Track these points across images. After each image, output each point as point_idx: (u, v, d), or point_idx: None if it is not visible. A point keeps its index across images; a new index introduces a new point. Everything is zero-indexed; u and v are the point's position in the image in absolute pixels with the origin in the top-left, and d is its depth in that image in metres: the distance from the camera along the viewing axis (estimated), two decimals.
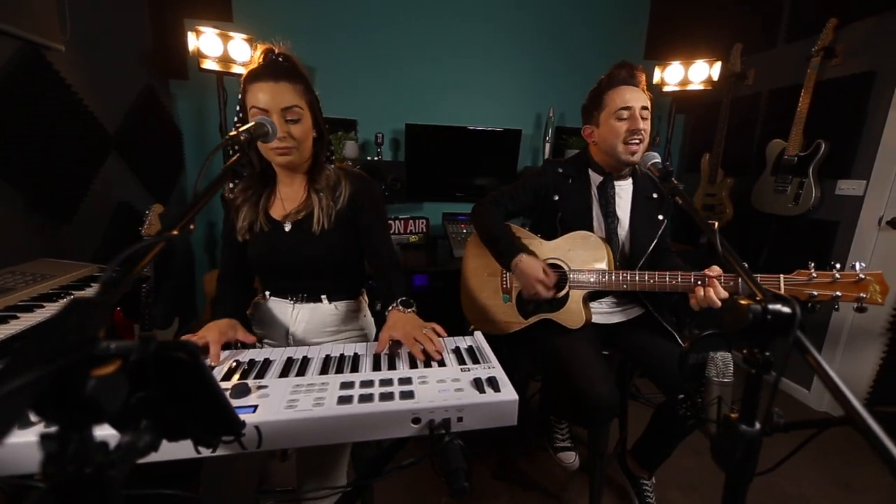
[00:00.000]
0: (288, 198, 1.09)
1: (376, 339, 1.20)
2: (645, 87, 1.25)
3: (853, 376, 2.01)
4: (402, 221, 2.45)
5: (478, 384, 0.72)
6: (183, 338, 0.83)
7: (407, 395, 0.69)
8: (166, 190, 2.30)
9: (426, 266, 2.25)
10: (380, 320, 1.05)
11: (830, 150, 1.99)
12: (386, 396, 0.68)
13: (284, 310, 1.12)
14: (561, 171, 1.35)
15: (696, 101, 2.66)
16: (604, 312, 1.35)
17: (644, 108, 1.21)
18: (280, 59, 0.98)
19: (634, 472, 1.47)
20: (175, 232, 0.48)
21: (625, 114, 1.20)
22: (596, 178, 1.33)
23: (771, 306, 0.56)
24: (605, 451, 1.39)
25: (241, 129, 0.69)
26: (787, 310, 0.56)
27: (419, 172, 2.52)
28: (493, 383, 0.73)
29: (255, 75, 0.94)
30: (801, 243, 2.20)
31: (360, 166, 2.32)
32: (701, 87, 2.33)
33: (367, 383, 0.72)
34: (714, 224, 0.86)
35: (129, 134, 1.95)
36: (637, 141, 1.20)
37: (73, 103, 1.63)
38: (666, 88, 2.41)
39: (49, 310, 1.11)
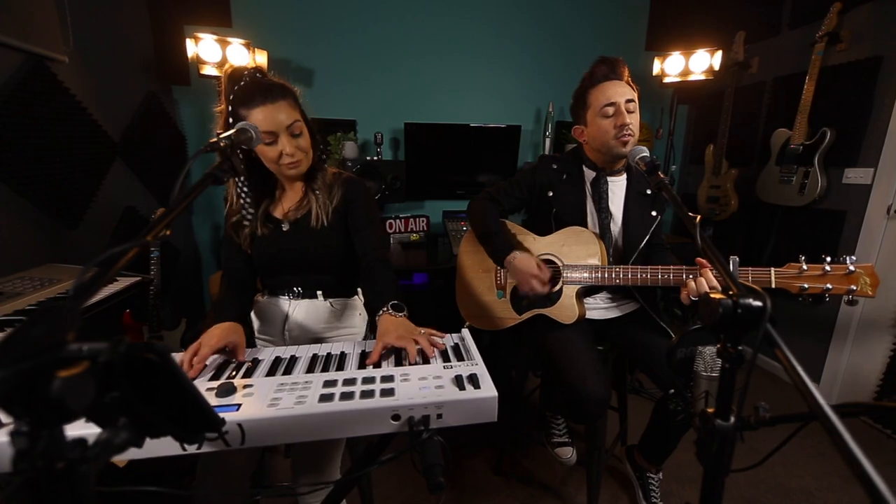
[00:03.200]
0: (287, 199, 1.13)
1: (368, 336, 1.23)
2: (629, 80, 1.23)
3: (862, 370, 1.97)
4: (403, 220, 2.47)
5: (458, 381, 0.73)
6: (189, 352, 0.83)
7: (387, 393, 0.70)
8: (171, 194, 2.36)
9: (427, 264, 2.26)
10: (373, 319, 1.04)
11: (836, 138, 1.94)
12: (367, 394, 0.70)
13: (281, 307, 1.15)
14: (556, 166, 1.35)
15: (700, 91, 2.61)
16: (599, 308, 1.34)
17: (629, 100, 1.19)
18: (264, 77, 1.01)
19: (642, 465, 1.47)
20: (149, 238, 0.50)
21: (610, 110, 1.19)
22: (590, 174, 1.32)
23: (742, 300, 0.56)
24: (603, 445, 1.39)
25: (220, 136, 0.71)
26: (757, 303, 0.56)
27: (419, 171, 2.53)
28: (473, 380, 0.73)
29: (250, 99, 0.96)
30: (807, 234, 2.16)
31: (359, 166, 2.34)
32: (702, 77, 2.29)
33: (350, 381, 0.74)
34: (696, 218, 0.85)
35: (133, 140, 2.01)
36: (629, 133, 1.18)
37: (78, 112, 1.68)
38: (667, 80, 2.37)
39: None
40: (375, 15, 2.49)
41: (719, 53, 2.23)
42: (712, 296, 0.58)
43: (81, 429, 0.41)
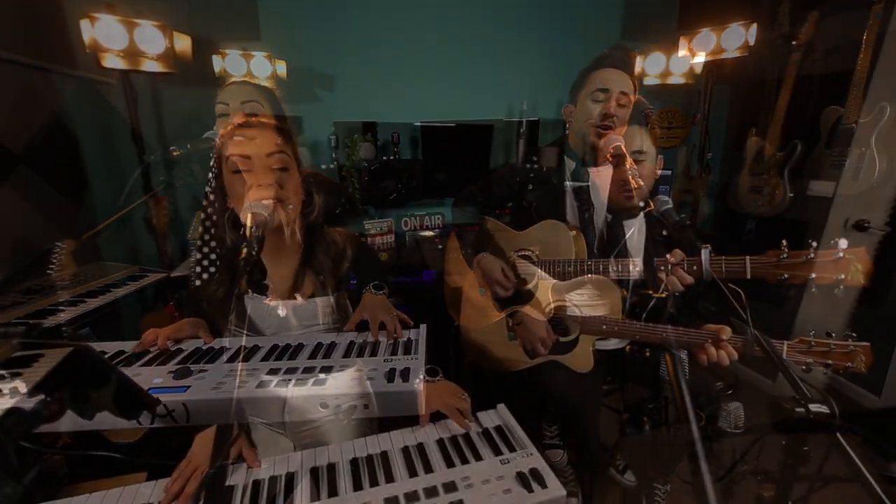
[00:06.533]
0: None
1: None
2: (633, 73, 1.20)
3: None
4: (418, 217, 2.51)
5: (390, 374, 0.76)
6: (148, 331, 0.93)
7: (319, 382, 0.74)
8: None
9: (439, 262, 2.28)
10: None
11: None
12: (301, 382, 0.74)
13: (261, 305, 1.21)
14: (535, 158, 1.33)
15: (740, 69, 2.36)
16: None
17: (623, 92, 1.16)
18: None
19: (650, 476, 1.40)
20: (84, 238, 0.58)
21: (601, 96, 1.16)
22: (570, 165, 1.29)
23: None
24: (597, 449, 1.34)
25: (172, 148, 0.78)
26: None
27: (435, 169, 2.56)
28: (404, 374, 0.76)
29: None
30: None
31: (377, 165, 2.43)
32: (737, 54, 2.07)
33: (292, 370, 0.79)
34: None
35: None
36: (608, 126, 1.14)
37: (122, 127, 1.91)
38: (696, 59, 2.18)
39: (90, 304, 1.34)
40: (391, 16, 2.55)
41: (755, 27, 2.01)
42: None
43: None
